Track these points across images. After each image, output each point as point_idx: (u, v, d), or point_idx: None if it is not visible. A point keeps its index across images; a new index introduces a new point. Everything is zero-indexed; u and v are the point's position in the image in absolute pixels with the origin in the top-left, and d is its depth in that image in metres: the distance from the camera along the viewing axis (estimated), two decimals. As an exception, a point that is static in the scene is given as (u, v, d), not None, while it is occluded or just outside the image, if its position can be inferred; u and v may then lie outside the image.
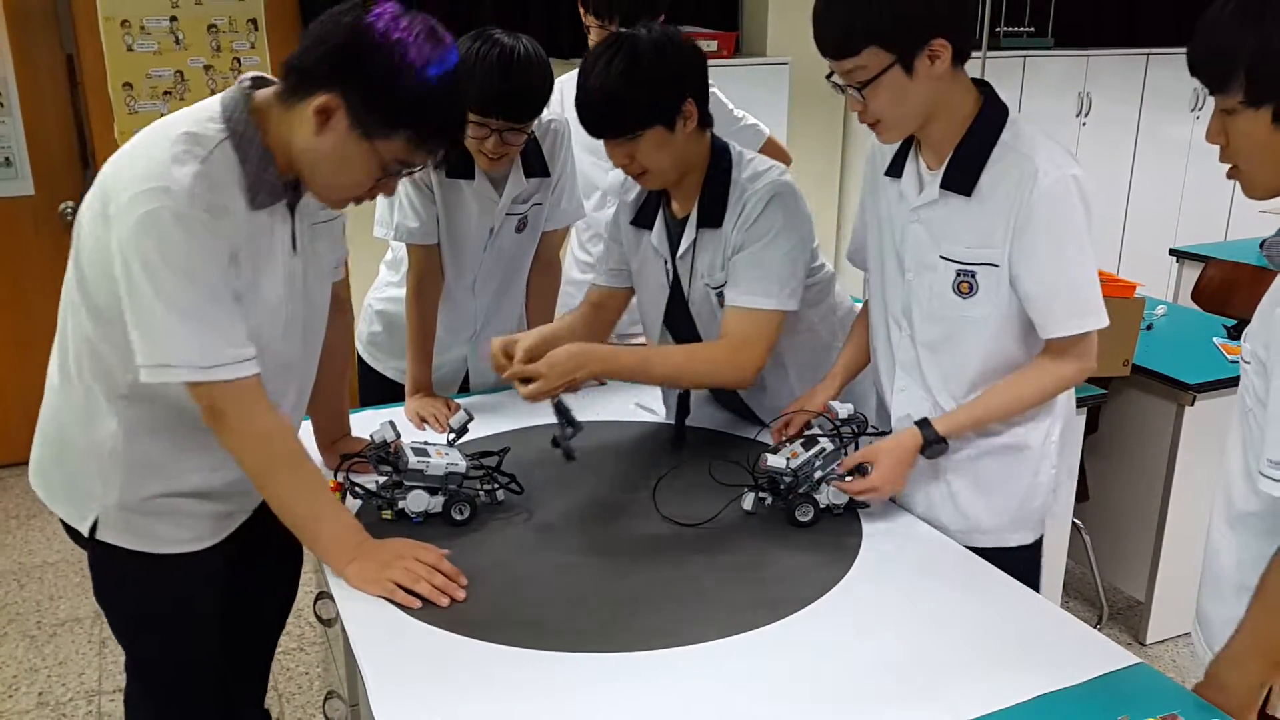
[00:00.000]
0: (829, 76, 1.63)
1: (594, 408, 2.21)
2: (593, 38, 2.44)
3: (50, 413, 1.65)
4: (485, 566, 1.63)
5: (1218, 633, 1.39)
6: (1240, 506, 1.37)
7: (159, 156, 1.42)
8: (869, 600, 1.54)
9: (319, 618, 1.97)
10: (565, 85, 2.72)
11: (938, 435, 1.68)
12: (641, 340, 2.56)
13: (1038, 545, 1.84)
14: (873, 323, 1.86)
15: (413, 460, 1.73)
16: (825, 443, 1.77)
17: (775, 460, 1.73)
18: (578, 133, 2.62)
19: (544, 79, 2.04)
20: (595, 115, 1.80)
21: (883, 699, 1.32)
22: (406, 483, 1.73)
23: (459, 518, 1.74)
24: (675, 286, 1.99)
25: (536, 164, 2.24)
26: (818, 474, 1.74)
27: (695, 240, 1.92)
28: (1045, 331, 1.64)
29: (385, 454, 1.78)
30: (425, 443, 1.81)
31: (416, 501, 1.73)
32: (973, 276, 1.64)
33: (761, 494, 1.77)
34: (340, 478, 1.74)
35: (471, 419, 1.91)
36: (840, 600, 1.54)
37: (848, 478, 1.72)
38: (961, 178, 1.63)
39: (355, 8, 1.45)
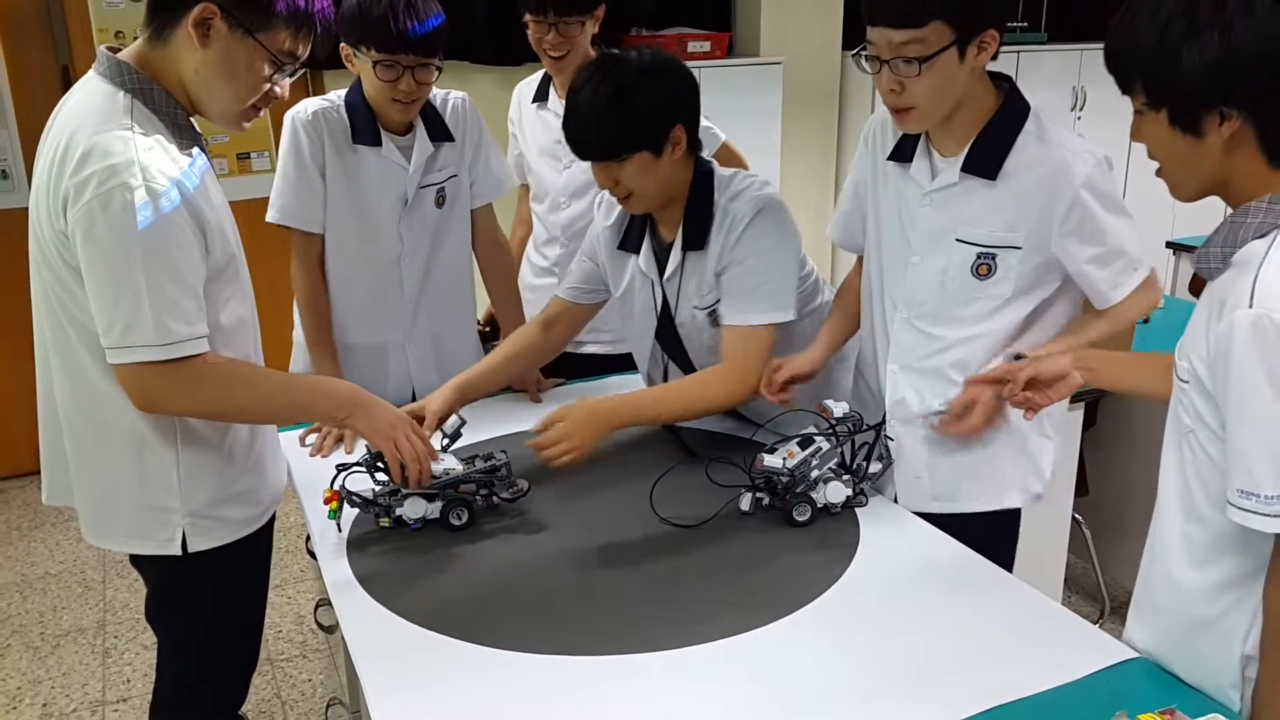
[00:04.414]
0: (858, 52, 1.59)
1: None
2: (531, 33, 2.37)
3: (94, 468, 1.62)
4: (483, 571, 1.64)
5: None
6: (1176, 536, 1.31)
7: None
8: (868, 599, 1.54)
9: (320, 625, 1.97)
10: (522, 90, 2.67)
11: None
12: (591, 349, 2.56)
13: (1007, 517, 1.83)
14: (866, 307, 1.87)
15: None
16: (821, 442, 1.77)
17: (772, 460, 1.73)
18: (532, 135, 2.61)
19: (439, 11, 2.11)
20: (581, 137, 1.81)
21: (884, 697, 1.32)
22: (403, 490, 1.74)
23: (457, 523, 1.75)
24: (664, 308, 2.01)
25: (438, 129, 2.28)
26: (814, 473, 1.75)
27: (682, 264, 1.94)
28: (1107, 300, 1.67)
29: (381, 464, 1.78)
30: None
31: (414, 508, 1.73)
32: (993, 259, 1.67)
33: (759, 494, 1.78)
34: (337, 486, 1.74)
35: (464, 423, 1.91)
36: (839, 599, 1.54)
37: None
38: (986, 162, 1.65)
39: None
